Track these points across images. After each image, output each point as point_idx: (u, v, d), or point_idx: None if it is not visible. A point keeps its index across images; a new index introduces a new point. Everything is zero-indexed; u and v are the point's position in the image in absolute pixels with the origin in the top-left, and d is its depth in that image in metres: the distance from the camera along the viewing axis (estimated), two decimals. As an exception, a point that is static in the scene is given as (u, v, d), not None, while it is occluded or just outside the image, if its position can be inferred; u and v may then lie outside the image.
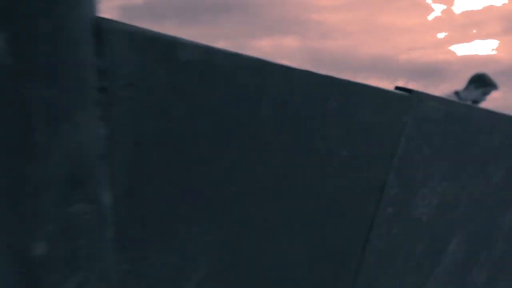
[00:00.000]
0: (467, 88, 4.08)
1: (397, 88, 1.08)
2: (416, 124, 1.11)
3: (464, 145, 1.42)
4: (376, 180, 1.08)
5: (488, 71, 4.29)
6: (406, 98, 1.05)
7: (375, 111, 0.97)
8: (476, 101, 4.00)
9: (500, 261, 2.20)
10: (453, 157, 1.39)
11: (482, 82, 3.92)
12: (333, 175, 0.93)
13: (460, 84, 4.21)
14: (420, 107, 1.10)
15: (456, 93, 4.14)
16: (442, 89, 4.30)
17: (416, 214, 1.34)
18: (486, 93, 3.94)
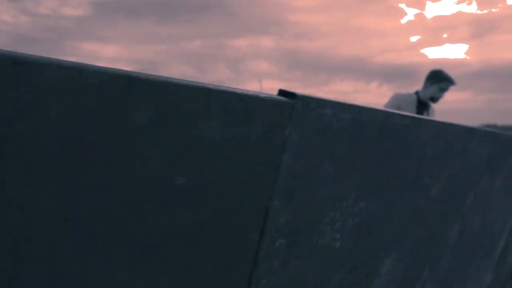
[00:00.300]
0: (425, 86, 3.92)
1: (280, 92, 0.85)
2: (306, 137, 0.88)
3: (385, 157, 1.20)
4: (253, 208, 0.85)
5: (459, 74, 4.23)
6: (288, 105, 0.81)
7: (234, 123, 0.73)
8: (433, 98, 3.83)
9: (446, 277, 2.01)
10: (371, 173, 1.17)
11: (438, 78, 3.76)
12: (168, 210, 0.68)
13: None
14: (310, 116, 0.87)
15: (416, 92, 3.97)
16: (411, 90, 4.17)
17: (324, 241, 1.12)
18: (443, 89, 3.77)
